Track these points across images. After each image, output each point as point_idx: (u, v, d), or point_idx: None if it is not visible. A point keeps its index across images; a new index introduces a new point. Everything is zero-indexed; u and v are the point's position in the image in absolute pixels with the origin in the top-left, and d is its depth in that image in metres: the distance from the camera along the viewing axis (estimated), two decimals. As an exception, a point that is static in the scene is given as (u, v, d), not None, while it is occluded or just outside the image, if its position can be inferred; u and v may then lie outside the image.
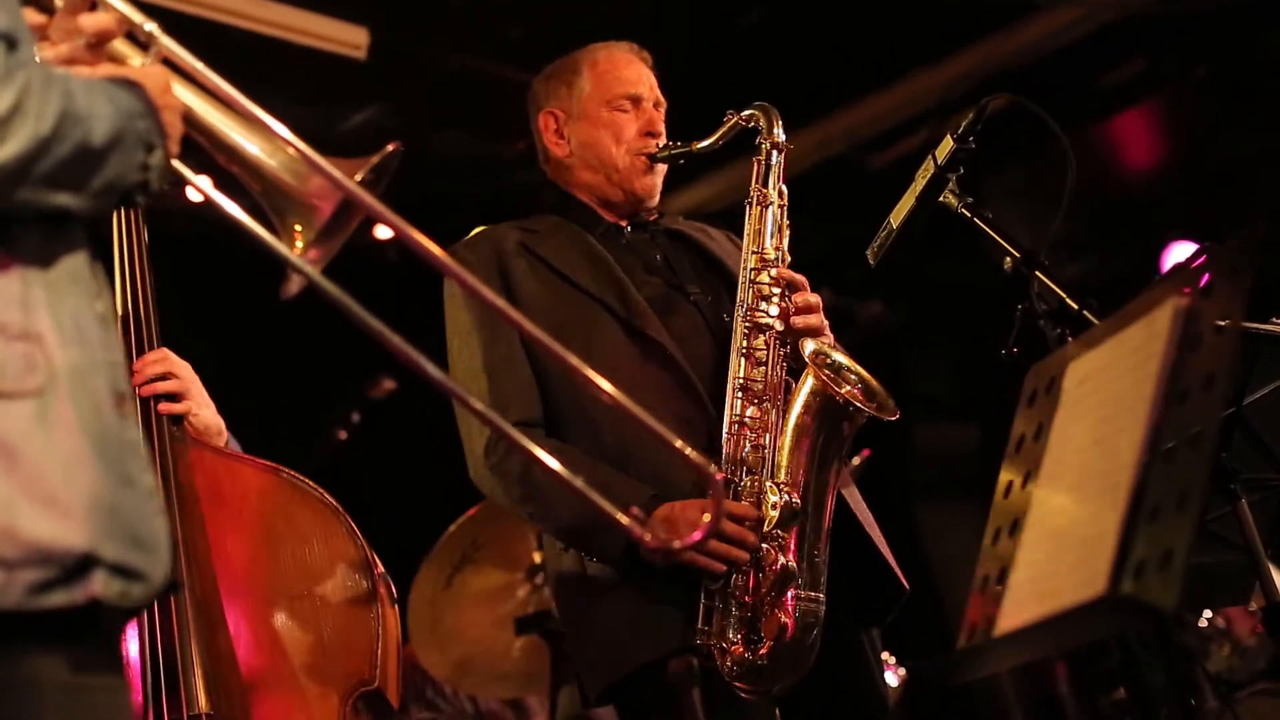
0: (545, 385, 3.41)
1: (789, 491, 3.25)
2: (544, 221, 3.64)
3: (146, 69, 2.07)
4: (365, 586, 3.18)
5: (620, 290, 3.45)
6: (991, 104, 3.09)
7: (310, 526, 3.22)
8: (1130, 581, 1.91)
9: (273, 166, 2.16)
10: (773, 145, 3.54)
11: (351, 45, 6.40)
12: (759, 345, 3.37)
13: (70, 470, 1.83)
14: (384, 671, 3.12)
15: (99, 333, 1.94)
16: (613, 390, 2.26)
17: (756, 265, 3.45)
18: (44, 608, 1.79)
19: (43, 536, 1.79)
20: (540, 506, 3.36)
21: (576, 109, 3.65)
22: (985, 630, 2.18)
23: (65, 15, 2.07)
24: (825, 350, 3.35)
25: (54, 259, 1.91)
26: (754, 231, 3.49)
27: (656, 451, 3.24)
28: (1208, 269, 2.13)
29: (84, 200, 1.90)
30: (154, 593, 1.90)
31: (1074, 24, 7.23)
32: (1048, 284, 2.93)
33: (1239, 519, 2.81)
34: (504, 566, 5.18)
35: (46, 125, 1.81)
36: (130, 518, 1.87)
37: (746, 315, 3.40)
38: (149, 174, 1.97)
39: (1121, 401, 2.12)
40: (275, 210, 2.17)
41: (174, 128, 2.04)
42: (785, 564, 3.21)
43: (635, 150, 3.60)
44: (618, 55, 3.70)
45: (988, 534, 2.33)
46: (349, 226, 2.20)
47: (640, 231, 3.67)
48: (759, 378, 3.35)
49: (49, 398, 1.84)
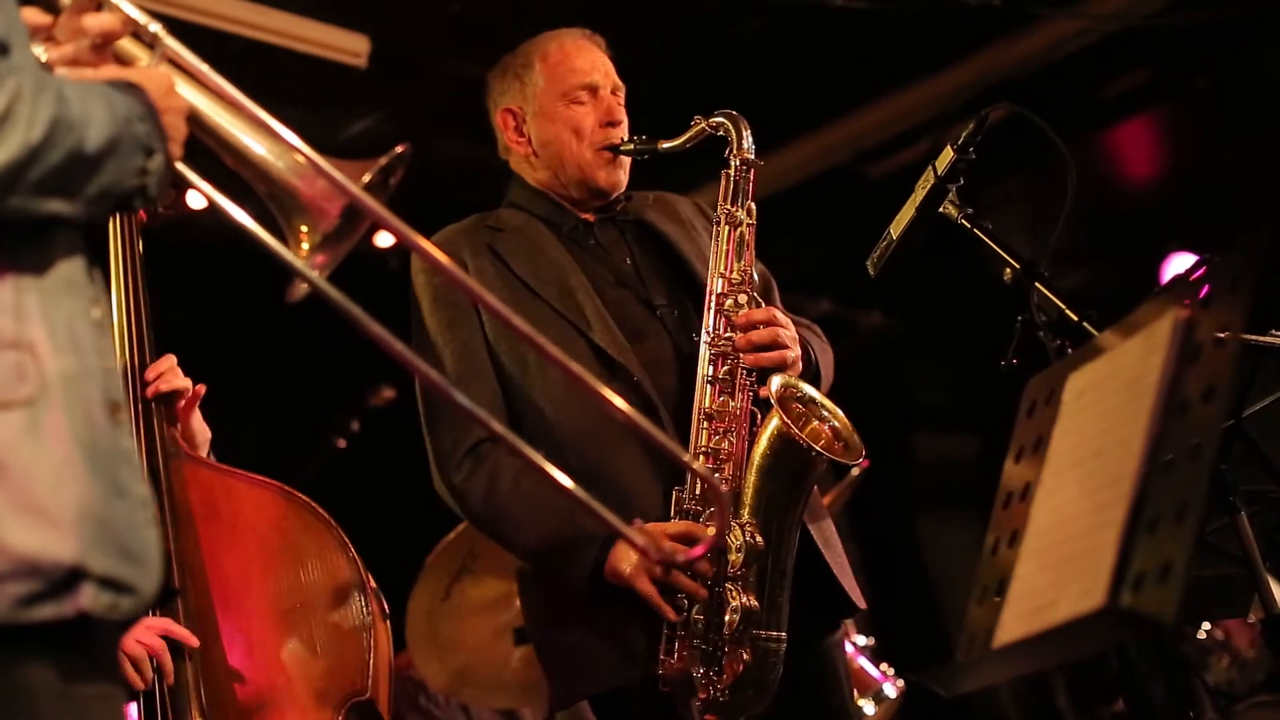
0: (510, 401, 3.37)
1: (753, 531, 3.20)
2: (510, 218, 3.58)
3: (149, 70, 2.06)
4: (358, 600, 3.19)
5: (589, 309, 3.39)
6: (992, 114, 3.09)
7: (304, 541, 3.22)
8: (1129, 593, 1.90)
9: (279, 168, 2.15)
10: (742, 161, 3.46)
11: (352, 53, 6.41)
12: (724, 374, 3.32)
13: (60, 481, 1.81)
14: (376, 683, 3.13)
15: (94, 339, 1.93)
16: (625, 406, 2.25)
17: (723, 289, 3.38)
18: (31, 621, 1.78)
19: (30, 549, 1.78)
20: (503, 527, 3.35)
21: (532, 106, 3.58)
22: (984, 642, 2.18)
23: (71, 15, 2.06)
24: (794, 385, 3.30)
25: (49, 265, 1.90)
26: (721, 253, 3.41)
27: (622, 474, 3.25)
28: (1207, 281, 2.13)
29: (78, 207, 1.89)
30: (144, 605, 1.89)
31: (1075, 35, 7.22)
32: (1048, 295, 2.93)
33: (1238, 531, 2.81)
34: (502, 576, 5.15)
35: (38, 132, 1.80)
36: (121, 529, 1.86)
37: (713, 341, 3.34)
38: (147, 178, 1.96)
39: (1121, 413, 2.12)
40: (282, 212, 2.17)
41: (177, 130, 2.03)
42: (747, 604, 3.18)
43: (597, 143, 3.53)
44: (568, 44, 3.62)
45: (987, 545, 2.33)
46: (356, 232, 2.20)
47: (608, 226, 3.60)
48: (725, 407, 3.30)
49: (40, 407, 1.82)
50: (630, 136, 3.56)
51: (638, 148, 3.53)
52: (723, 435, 3.29)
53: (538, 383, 3.34)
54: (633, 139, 3.54)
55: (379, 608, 3.23)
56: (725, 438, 3.29)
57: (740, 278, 3.40)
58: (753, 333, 3.33)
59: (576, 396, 3.28)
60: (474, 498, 3.33)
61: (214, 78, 2.12)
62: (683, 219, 3.66)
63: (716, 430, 3.29)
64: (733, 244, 3.41)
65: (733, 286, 3.39)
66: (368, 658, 3.14)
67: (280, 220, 2.17)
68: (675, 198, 3.74)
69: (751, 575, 3.20)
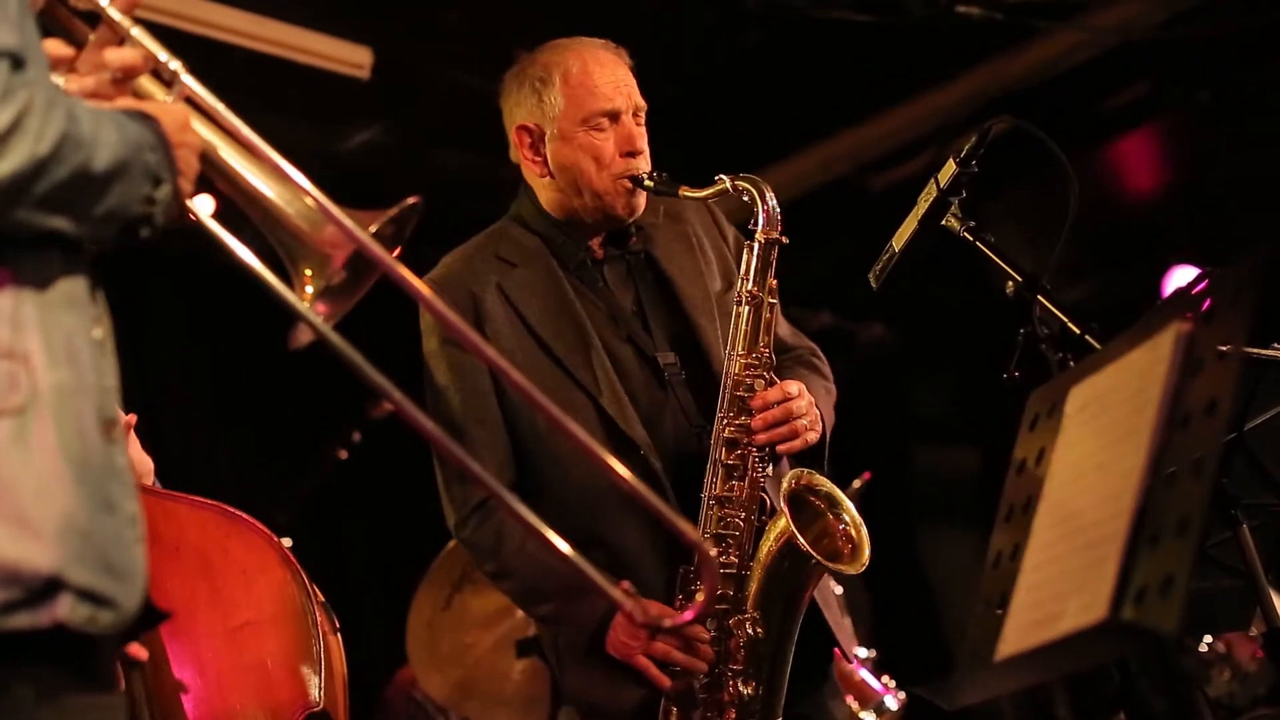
0: (517, 448, 3.36)
1: (753, 625, 3.23)
2: (521, 246, 3.51)
3: (166, 105, 2.07)
4: (305, 614, 3.19)
5: (599, 373, 3.36)
6: (994, 127, 3.09)
7: (247, 558, 3.23)
8: (1131, 607, 1.91)
9: (289, 214, 2.15)
10: (767, 239, 3.37)
11: (355, 65, 6.41)
12: (734, 459, 3.29)
13: (44, 491, 1.82)
14: (329, 695, 3.13)
15: (93, 357, 1.93)
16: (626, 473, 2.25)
17: (739, 372, 3.32)
18: (6, 629, 1.78)
19: (8, 557, 1.78)
20: (508, 585, 3.41)
21: (551, 127, 3.46)
22: (986, 654, 2.18)
23: (94, 49, 2.08)
24: (809, 480, 3.31)
25: (51, 281, 1.90)
26: (740, 335, 3.33)
27: (625, 540, 3.26)
28: (1210, 294, 2.13)
29: (82, 226, 1.89)
30: (125, 620, 1.88)
31: (1077, 48, 7.23)
32: (1049, 308, 2.93)
33: (1240, 544, 2.80)
34: (503, 587, 5.16)
35: (45, 146, 1.81)
36: (105, 544, 1.86)
37: (725, 425, 3.30)
38: (154, 208, 1.96)
39: (1123, 426, 2.12)
40: (288, 255, 2.17)
41: (189, 165, 2.03)
42: (744, 696, 3.22)
43: (617, 173, 3.43)
44: (590, 62, 3.49)
45: (989, 558, 2.33)
46: (364, 285, 2.20)
47: (617, 264, 3.53)
48: (733, 492, 3.28)
49: (29, 417, 1.83)
50: (652, 173, 3.44)
51: (657, 187, 3.41)
52: (730, 521, 3.28)
53: (546, 441, 3.33)
54: (653, 175, 3.42)
55: (329, 622, 3.25)
56: (733, 523, 3.27)
57: (757, 361, 3.33)
58: (766, 413, 3.29)
59: (584, 460, 3.27)
60: (480, 552, 3.38)
61: (230, 118, 2.13)
62: (692, 244, 3.58)
63: (725, 516, 3.28)
64: (751, 325, 3.34)
65: (748, 370, 3.33)
66: (319, 669, 3.15)
67: (286, 263, 2.17)
68: (685, 207, 3.61)
69: (751, 665, 3.24)
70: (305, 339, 2.13)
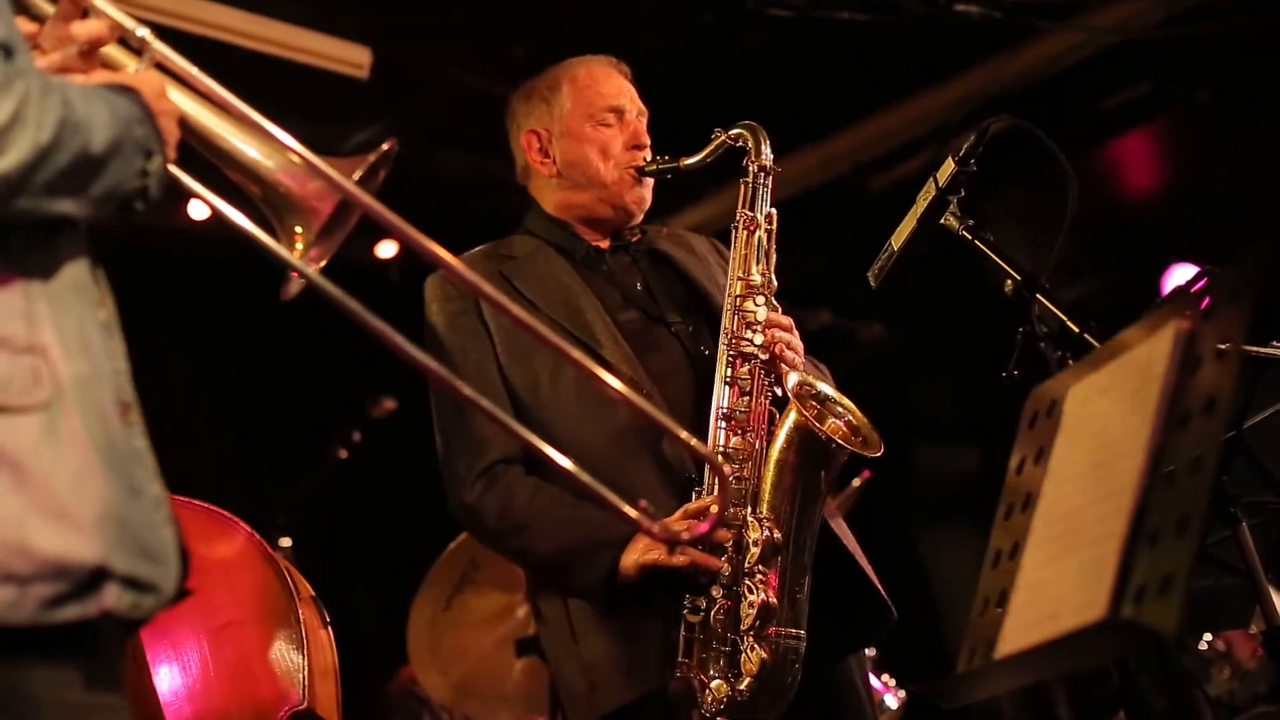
0: (524, 420, 3.33)
1: (770, 526, 3.21)
2: (522, 245, 3.60)
3: (141, 75, 2.06)
4: (289, 612, 3.18)
5: (598, 327, 3.40)
6: (993, 126, 3.09)
7: (230, 557, 3.22)
8: (1131, 605, 1.91)
9: (270, 169, 2.16)
10: (759, 168, 3.50)
11: (354, 64, 6.42)
12: (743, 374, 3.33)
13: (80, 483, 1.83)
14: (312, 692, 3.12)
15: (102, 342, 1.94)
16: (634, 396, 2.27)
17: (741, 292, 3.40)
18: (58, 622, 1.79)
19: (55, 551, 1.79)
20: (518, 541, 3.36)
21: (559, 127, 3.60)
22: (986, 653, 2.18)
23: (57, 23, 2.07)
24: (809, 382, 3.31)
25: (55, 270, 1.91)
26: (740, 257, 3.44)
27: (637, 487, 3.21)
28: (1209, 292, 2.13)
29: (85, 207, 1.90)
30: (164, 603, 1.90)
31: (1076, 47, 7.23)
32: (1049, 307, 2.93)
33: (1239, 542, 2.81)
34: (503, 587, 5.17)
35: (46, 134, 1.81)
36: (139, 528, 1.88)
37: (731, 343, 3.36)
38: (148, 180, 1.97)
39: (1122, 425, 2.12)
40: (274, 212, 2.17)
41: (171, 133, 2.04)
42: (766, 600, 3.17)
43: (624, 164, 3.56)
44: (596, 69, 3.66)
45: (988, 556, 2.33)
46: (347, 225, 2.21)
47: (621, 254, 3.62)
48: (743, 407, 3.31)
49: (56, 411, 1.84)
50: (653, 157, 3.58)
51: (661, 167, 3.56)
52: (741, 434, 3.30)
53: (550, 401, 3.35)
54: (655, 159, 3.57)
55: (318, 616, 3.23)
56: (744, 436, 3.30)
57: (760, 280, 3.41)
58: (780, 332, 3.36)
59: (589, 413, 3.31)
60: (488, 514, 3.35)
61: (203, 80, 2.13)
62: (696, 252, 3.68)
63: (735, 430, 3.30)
64: (751, 248, 3.44)
65: (751, 289, 3.40)
66: (303, 666, 3.14)
67: (273, 221, 2.17)
68: (691, 234, 3.78)
69: (769, 571, 3.20)
70: (295, 290, 2.13)
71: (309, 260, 2.15)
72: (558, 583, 3.36)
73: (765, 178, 3.50)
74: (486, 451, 3.33)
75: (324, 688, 3.17)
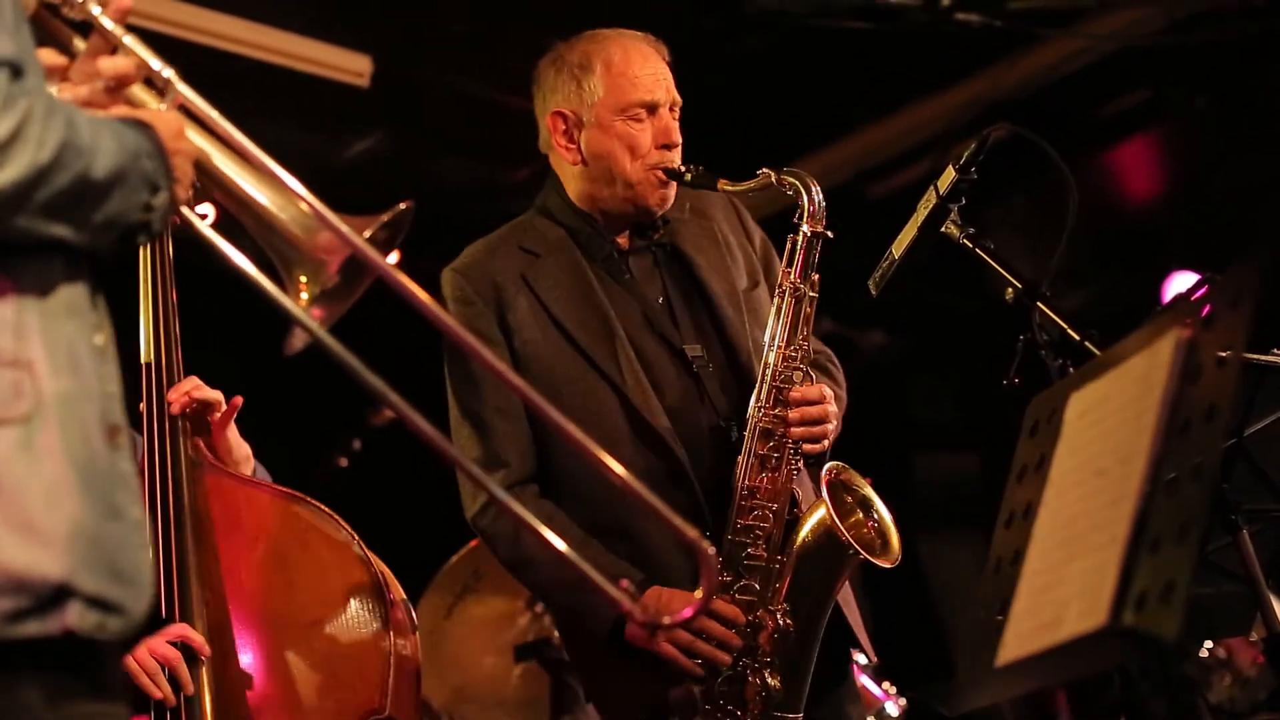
0: (541, 443, 3.34)
1: (784, 616, 3.23)
2: (546, 232, 3.49)
3: (161, 113, 2.07)
4: (379, 614, 3.18)
5: (625, 365, 3.34)
6: (993, 134, 3.09)
7: (325, 554, 3.22)
8: (1132, 613, 1.91)
9: (283, 220, 2.16)
10: (814, 232, 3.37)
11: (355, 73, 6.42)
12: (769, 450, 3.28)
13: (52, 499, 1.82)
14: (396, 699, 3.12)
15: (94, 364, 1.93)
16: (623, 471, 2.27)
17: (778, 364, 3.31)
18: (17, 637, 1.78)
19: (18, 565, 1.78)
20: (528, 574, 3.38)
21: (589, 115, 3.44)
22: (987, 660, 2.18)
23: (86, 59, 2.08)
24: (850, 477, 3.30)
25: (52, 289, 1.91)
26: (781, 326, 3.34)
27: (649, 532, 3.23)
28: (1209, 300, 2.14)
29: (82, 234, 1.90)
30: (132, 626, 1.89)
31: (1076, 54, 7.23)
32: (1049, 314, 2.93)
33: (1240, 550, 2.81)
34: (505, 595, 5.16)
35: (46, 154, 1.81)
36: (113, 550, 1.86)
37: (762, 417, 3.29)
38: (152, 215, 1.97)
39: (1123, 432, 2.12)
40: (282, 262, 2.17)
41: (184, 173, 2.04)
42: (771, 688, 3.21)
43: (652, 164, 3.42)
44: (632, 51, 3.48)
45: (989, 564, 2.33)
46: (358, 289, 2.21)
47: (643, 255, 3.51)
48: (765, 484, 3.28)
49: (35, 425, 1.83)
50: (688, 165, 3.44)
51: (695, 179, 3.42)
52: (761, 513, 3.27)
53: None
54: (690, 168, 3.43)
55: (407, 620, 3.23)
56: (764, 515, 3.27)
57: (797, 354, 3.34)
58: (808, 409, 3.30)
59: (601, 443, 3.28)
60: (500, 542, 3.35)
61: (224, 125, 2.13)
62: (718, 240, 3.56)
63: (755, 507, 3.27)
64: (792, 316, 3.35)
65: (787, 362, 3.32)
66: (387, 672, 3.13)
67: (280, 269, 2.17)
68: (711, 200, 3.61)
69: (778, 658, 3.23)
70: (300, 344, 2.14)
71: (313, 315, 2.15)
72: (566, 618, 3.38)
73: (818, 243, 3.38)
74: (502, 475, 3.29)
75: (406, 693, 3.17)
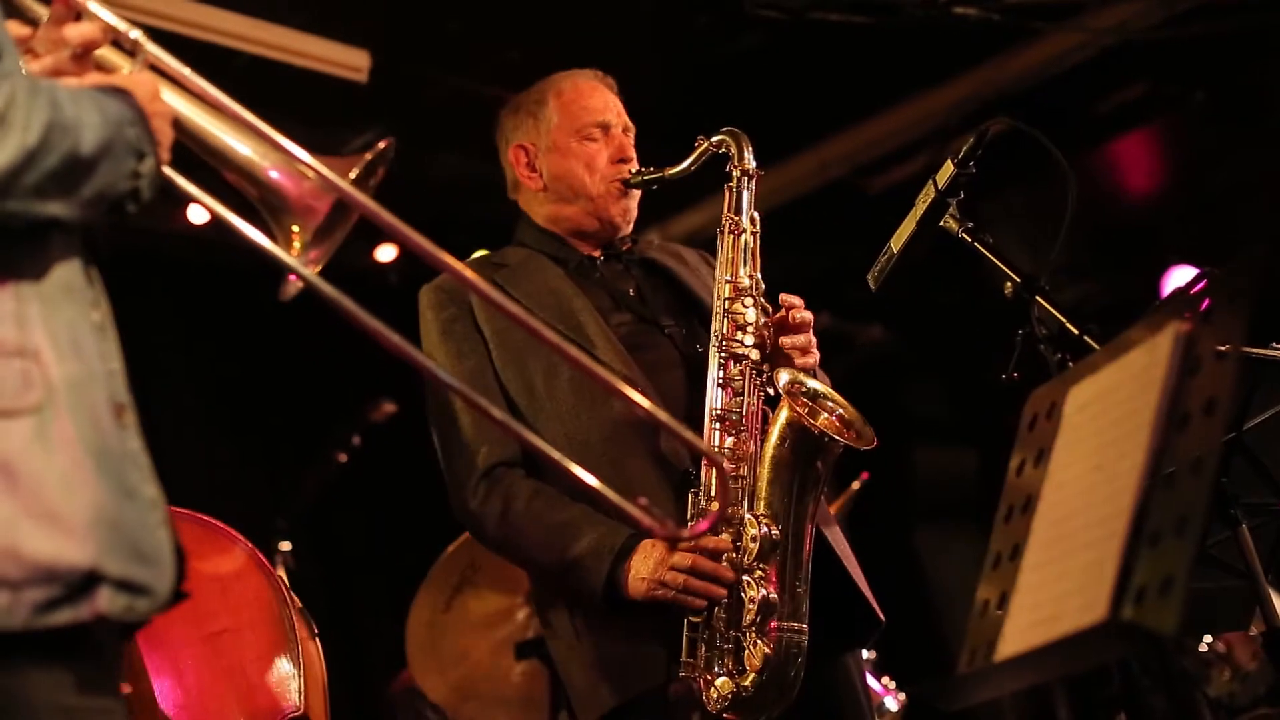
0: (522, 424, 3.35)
1: (768, 523, 3.22)
2: (515, 254, 3.65)
3: (134, 76, 2.06)
4: (284, 620, 3.19)
5: (591, 328, 3.43)
6: (992, 128, 3.09)
7: (222, 566, 3.23)
8: (1131, 607, 1.90)
9: (265, 168, 2.16)
10: (742, 172, 3.53)
11: (352, 68, 6.42)
12: (735, 375, 3.36)
13: (71, 486, 1.82)
14: (308, 700, 3.14)
15: (96, 343, 1.94)
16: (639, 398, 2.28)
17: (730, 294, 3.43)
18: (50, 626, 1.78)
19: (46, 555, 1.79)
20: (519, 547, 3.38)
21: (546, 141, 3.65)
22: (986, 655, 2.18)
23: (50, 27, 2.07)
24: (800, 379, 3.33)
25: (47, 271, 1.91)
26: (727, 260, 3.48)
27: (633, 485, 3.23)
28: (1208, 294, 2.13)
29: (75, 209, 1.90)
30: (160, 606, 1.90)
31: (1074, 49, 7.23)
32: (1048, 309, 2.93)
33: (1239, 544, 2.81)
34: (502, 590, 5.16)
35: (33, 136, 1.81)
36: (133, 531, 1.87)
37: (722, 345, 3.38)
38: (140, 182, 1.97)
39: (1122, 427, 2.12)
40: (271, 213, 2.17)
41: (164, 134, 2.04)
42: (766, 595, 3.19)
43: (609, 177, 3.61)
44: (582, 84, 3.70)
45: (988, 558, 2.32)
46: (346, 226, 2.21)
47: (614, 263, 3.67)
48: (736, 407, 3.34)
49: (47, 414, 1.83)
50: (638, 169, 3.62)
51: (647, 178, 3.60)
52: (735, 434, 3.32)
53: (545, 405, 3.38)
54: (640, 170, 3.61)
55: (306, 627, 3.25)
56: (738, 436, 3.31)
57: (748, 282, 3.44)
58: (798, 332, 3.40)
59: (585, 411, 3.35)
60: (489, 520, 3.36)
61: (197, 81, 2.13)
62: (687, 262, 3.72)
63: (729, 430, 3.32)
64: (738, 251, 3.47)
65: (740, 291, 3.43)
66: (299, 674, 3.15)
67: (270, 221, 2.17)
68: (681, 246, 3.84)
69: (768, 567, 3.21)
70: (293, 292, 2.13)
71: (307, 262, 2.15)
72: (557, 587, 3.37)
73: (748, 181, 3.53)
74: (486, 455, 3.35)
75: (315, 698, 3.19)
